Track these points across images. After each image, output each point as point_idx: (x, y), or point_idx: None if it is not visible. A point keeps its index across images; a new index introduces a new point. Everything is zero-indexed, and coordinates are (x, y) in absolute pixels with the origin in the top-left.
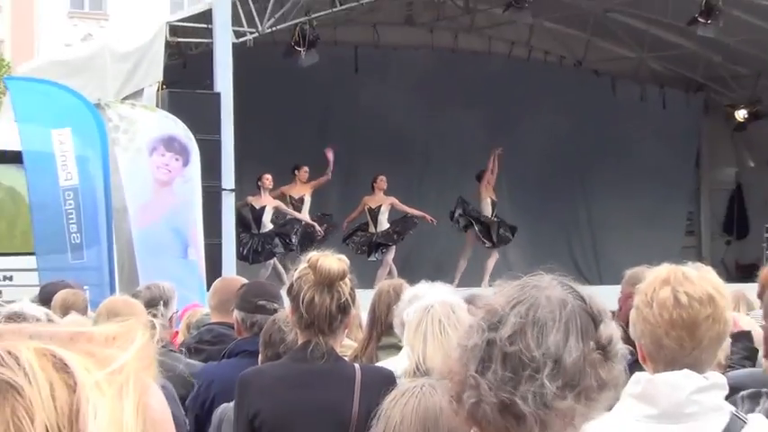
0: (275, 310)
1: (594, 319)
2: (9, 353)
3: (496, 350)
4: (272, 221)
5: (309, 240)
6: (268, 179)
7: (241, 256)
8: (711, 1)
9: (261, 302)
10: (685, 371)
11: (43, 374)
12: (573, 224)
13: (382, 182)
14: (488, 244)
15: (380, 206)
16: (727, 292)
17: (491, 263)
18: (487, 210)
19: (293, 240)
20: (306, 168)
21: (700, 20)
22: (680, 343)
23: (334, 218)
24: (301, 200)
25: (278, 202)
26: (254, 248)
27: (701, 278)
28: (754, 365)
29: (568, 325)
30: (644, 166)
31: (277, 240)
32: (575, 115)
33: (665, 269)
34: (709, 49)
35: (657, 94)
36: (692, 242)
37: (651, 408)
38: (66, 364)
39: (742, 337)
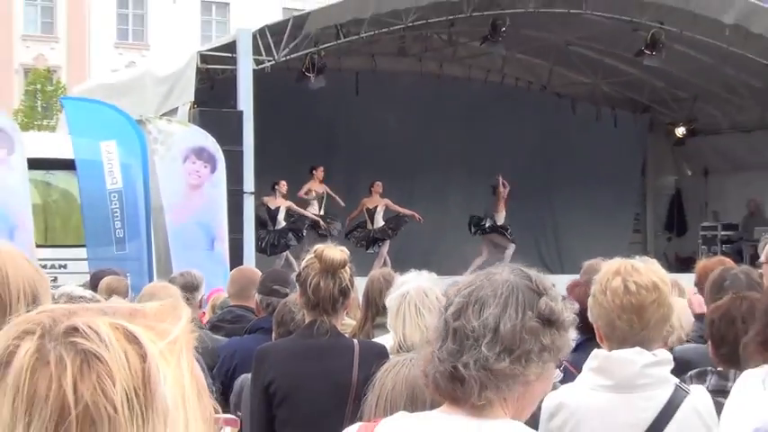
0: (286, 294)
1: (538, 294)
2: (90, 327)
3: (449, 328)
4: (284, 219)
5: (316, 234)
6: (284, 185)
7: (260, 249)
8: (655, 36)
9: (275, 287)
10: (637, 348)
11: (118, 345)
12: (539, 223)
13: (378, 186)
14: (506, 245)
15: (377, 207)
16: (668, 280)
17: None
18: (501, 219)
19: (304, 234)
20: (322, 168)
21: (645, 52)
22: (630, 324)
23: (339, 217)
24: (321, 195)
25: (290, 203)
26: (271, 242)
27: (647, 269)
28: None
29: (508, 300)
30: (599, 175)
31: (290, 235)
32: (541, 131)
33: (616, 262)
34: (653, 76)
35: (610, 114)
36: (638, 239)
37: (607, 379)
38: (135, 336)
39: (701, 318)
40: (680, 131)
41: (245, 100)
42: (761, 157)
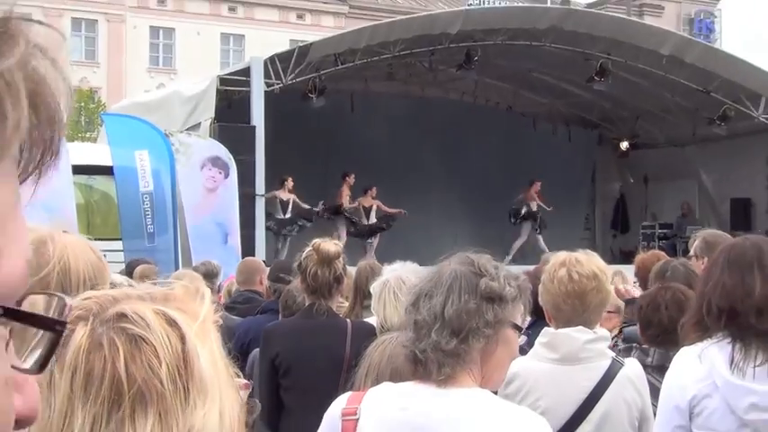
0: (290, 281)
1: (480, 276)
2: (137, 314)
3: (409, 319)
4: (291, 210)
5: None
6: (291, 181)
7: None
8: (604, 65)
9: (281, 275)
10: (579, 327)
11: (161, 329)
12: (504, 222)
13: (373, 191)
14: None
15: (372, 206)
16: (607, 270)
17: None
18: (534, 207)
19: (308, 225)
20: (353, 174)
21: (595, 78)
22: (573, 307)
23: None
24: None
25: (294, 197)
26: (280, 227)
27: (588, 261)
28: None
29: (451, 287)
30: (555, 181)
31: (300, 222)
32: (507, 145)
33: (562, 255)
34: (602, 98)
35: (565, 130)
36: (588, 236)
37: (554, 353)
38: (174, 320)
39: (632, 302)
40: (624, 145)
41: (258, 117)
42: (692, 168)
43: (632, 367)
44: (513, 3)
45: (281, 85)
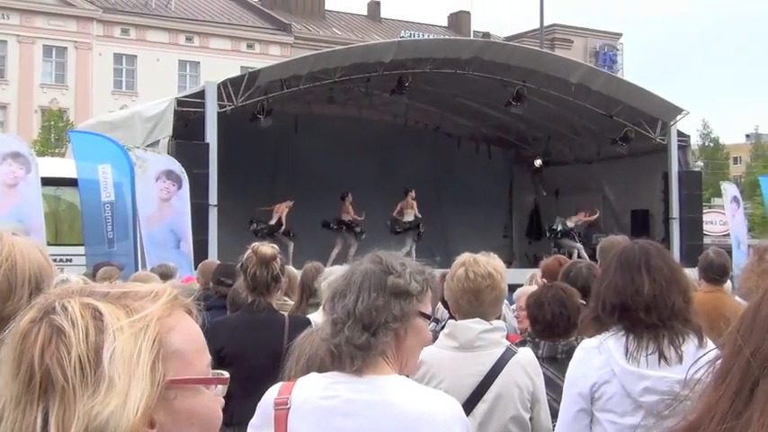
0: (231, 284)
1: (388, 273)
2: (63, 306)
3: (327, 316)
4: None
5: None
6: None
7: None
8: (520, 91)
9: (222, 279)
10: (477, 319)
11: (82, 321)
12: (434, 230)
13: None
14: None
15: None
16: (503, 270)
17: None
18: (571, 223)
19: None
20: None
21: (512, 102)
22: (470, 303)
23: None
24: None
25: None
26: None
27: (485, 262)
28: None
29: (361, 286)
30: (477, 195)
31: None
32: (434, 162)
33: (464, 256)
34: (518, 120)
35: (486, 149)
36: (506, 243)
37: (454, 342)
38: (101, 314)
39: None
40: (538, 162)
41: (211, 135)
42: (597, 183)
43: (525, 354)
44: (439, 35)
45: (233, 106)
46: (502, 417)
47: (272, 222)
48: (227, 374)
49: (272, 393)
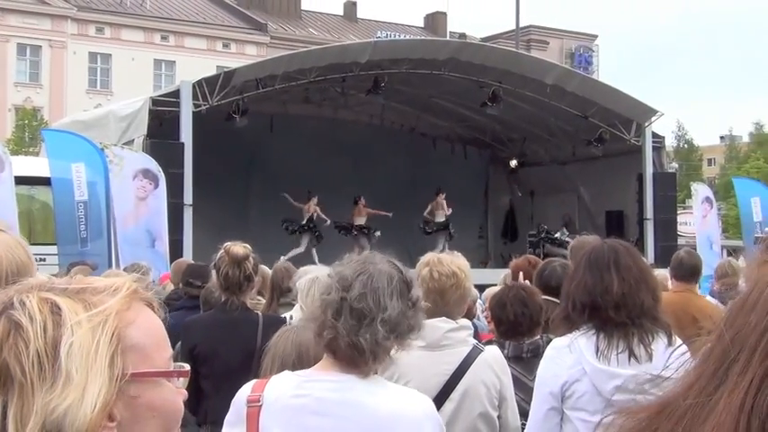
0: (199, 285)
1: (408, 285)
2: (21, 300)
3: (347, 305)
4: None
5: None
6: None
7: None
8: (495, 92)
9: (190, 280)
10: (443, 318)
11: (40, 316)
12: (409, 230)
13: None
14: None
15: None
16: (467, 269)
17: None
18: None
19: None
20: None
21: (488, 103)
22: (435, 302)
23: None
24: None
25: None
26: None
27: (450, 261)
28: None
29: (394, 291)
30: (453, 195)
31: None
32: (410, 162)
33: (428, 256)
34: (494, 121)
35: (462, 150)
36: (482, 243)
37: (421, 341)
38: (60, 308)
39: None
40: (513, 163)
41: (186, 134)
42: (572, 183)
43: (491, 353)
44: (416, 36)
45: (208, 106)
46: (469, 415)
47: (304, 222)
48: (187, 367)
49: (245, 391)
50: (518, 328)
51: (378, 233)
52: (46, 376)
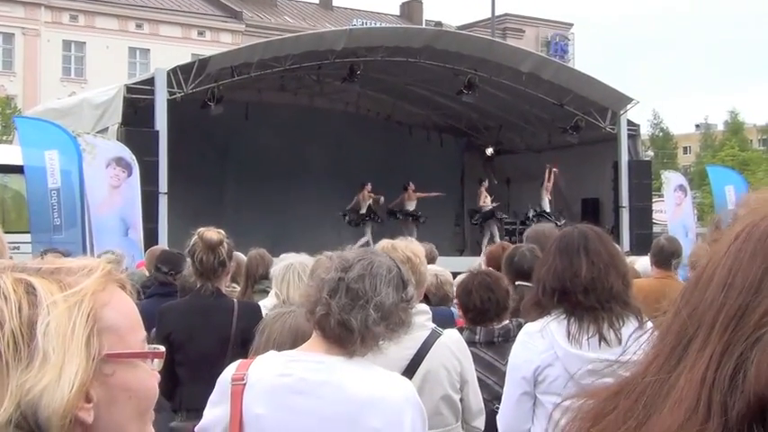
0: (170, 272)
1: (404, 282)
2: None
3: (344, 285)
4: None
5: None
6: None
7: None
8: (471, 80)
9: (160, 266)
10: None
11: (15, 296)
12: (384, 217)
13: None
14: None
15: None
16: (422, 254)
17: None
18: (546, 204)
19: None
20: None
21: (464, 91)
22: None
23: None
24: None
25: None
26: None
27: (404, 246)
28: None
29: (391, 281)
30: (429, 182)
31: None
32: (386, 150)
33: (381, 243)
34: (469, 109)
35: (437, 137)
36: (458, 231)
37: None
38: (34, 288)
39: None
40: (489, 151)
41: (161, 122)
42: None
43: (450, 336)
44: (391, 24)
45: (183, 93)
46: (431, 398)
47: (363, 211)
48: (162, 348)
49: (230, 370)
50: (486, 314)
51: (424, 220)
52: (21, 356)
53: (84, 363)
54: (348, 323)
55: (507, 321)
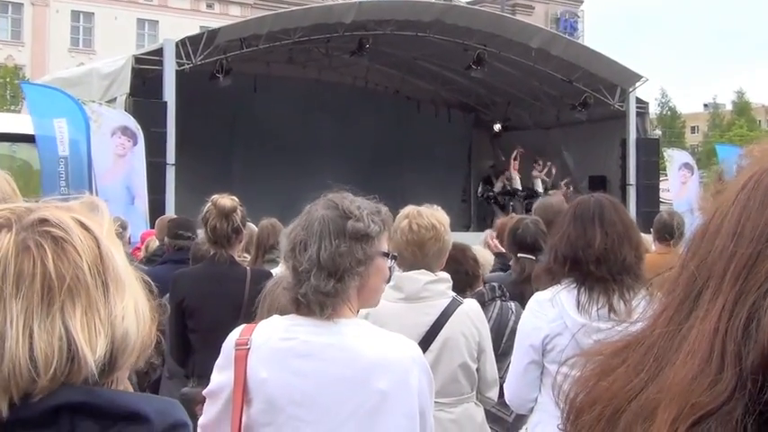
0: (189, 237)
1: (346, 218)
2: (57, 219)
3: (289, 266)
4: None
5: None
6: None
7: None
8: (480, 55)
9: (180, 232)
10: (422, 270)
11: (79, 232)
12: (392, 193)
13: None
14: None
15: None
16: (446, 222)
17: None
18: (517, 183)
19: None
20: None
21: (473, 66)
22: (413, 255)
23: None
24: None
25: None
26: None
27: (429, 214)
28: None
29: (322, 234)
30: (437, 158)
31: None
32: (393, 125)
33: (408, 209)
34: (478, 85)
35: (445, 113)
36: (465, 206)
37: (400, 293)
38: (87, 225)
39: (501, 256)
40: (497, 127)
41: (169, 93)
42: (556, 148)
43: (470, 305)
44: None
45: (191, 65)
46: (449, 366)
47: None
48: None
49: (234, 335)
50: (456, 285)
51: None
52: (103, 289)
53: (144, 291)
54: (299, 300)
55: (480, 287)
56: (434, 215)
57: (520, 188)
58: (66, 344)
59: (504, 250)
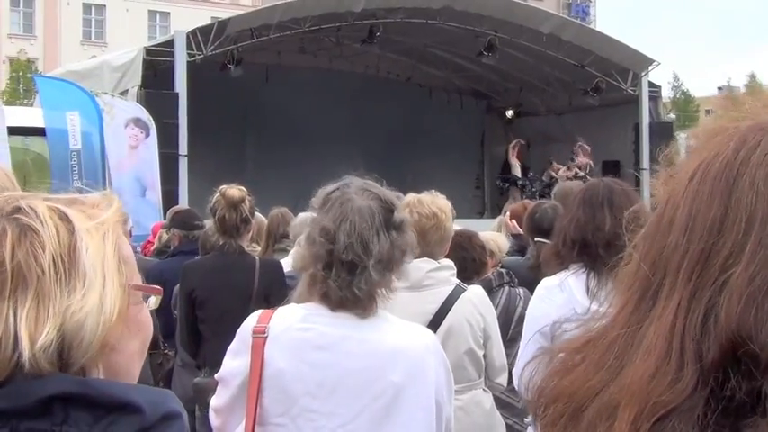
0: (201, 226)
1: (390, 210)
2: (30, 206)
3: (336, 258)
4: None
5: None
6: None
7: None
8: (491, 41)
9: (196, 222)
10: (425, 258)
11: (51, 222)
12: (404, 180)
13: None
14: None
15: None
16: (448, 210)
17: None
18: (517, 171)
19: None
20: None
21: (484, 53)
22: (416, 243)
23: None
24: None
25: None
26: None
27: (430, 201)
28: (522, 256)
29: (376, 226)
30: (449, 145)
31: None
32: (406, 112)
33: (408, 197)
34: (490, 71)
35: (458, 100)
36: (479, 193)
37: (405, 282)
38: (67, 216)
39: (518, 237)
40: (509, 113)
41: (181, 84)
42: (569, 134)
43: (474, 291)
44: None
45: (202, 56)
46: (454, 352)
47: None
48: (159, 288)
49: (251, 321)
50: (464, 272)
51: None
52: (62, 280)
53: (119, 289)
54: (351, 296)
55: (488, 274)
56: (435, 203)
57: (519, 176)
58: (12, 330)
59: (521, 231)
